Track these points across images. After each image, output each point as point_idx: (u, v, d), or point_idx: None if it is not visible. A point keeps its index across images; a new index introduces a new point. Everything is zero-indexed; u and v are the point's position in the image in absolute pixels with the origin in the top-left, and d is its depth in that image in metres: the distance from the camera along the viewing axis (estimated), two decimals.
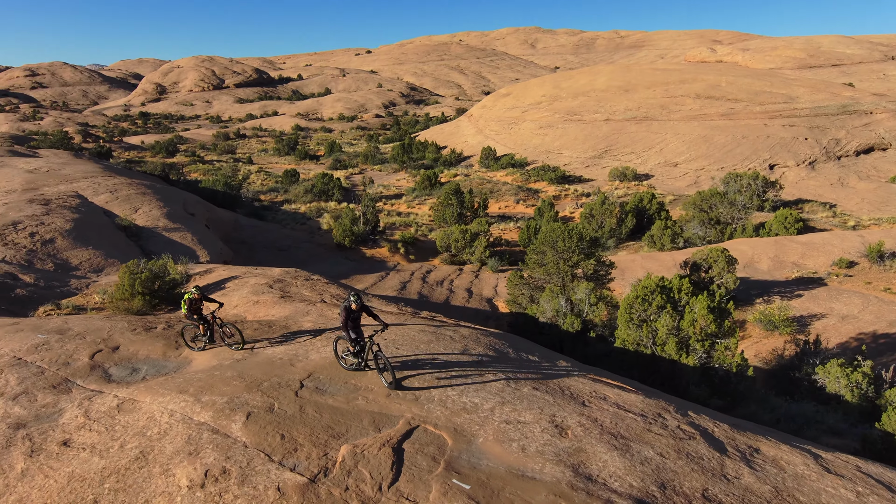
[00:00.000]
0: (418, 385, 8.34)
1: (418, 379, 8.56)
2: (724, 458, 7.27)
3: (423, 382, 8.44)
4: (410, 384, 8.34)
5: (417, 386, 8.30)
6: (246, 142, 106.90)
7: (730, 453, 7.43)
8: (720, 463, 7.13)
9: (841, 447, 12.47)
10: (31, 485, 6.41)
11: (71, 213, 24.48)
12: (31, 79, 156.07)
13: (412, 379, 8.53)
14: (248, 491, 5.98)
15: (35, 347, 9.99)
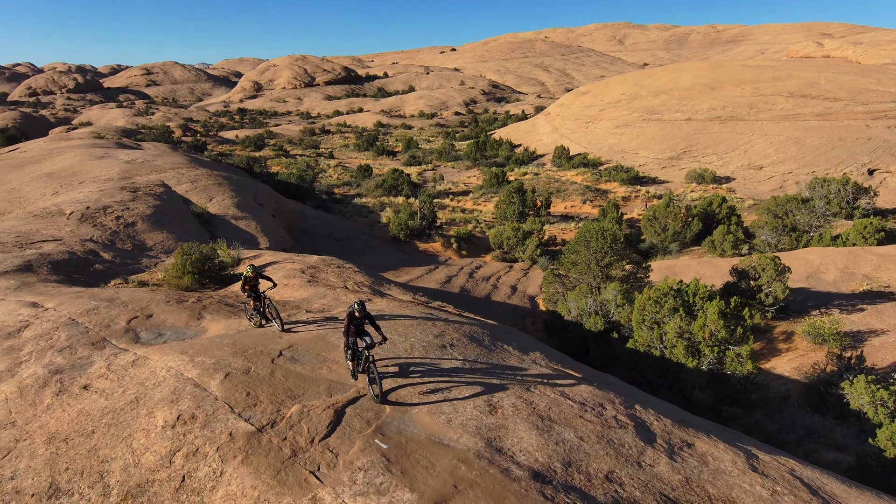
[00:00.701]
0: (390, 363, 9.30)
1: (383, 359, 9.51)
2: (647, 447, 7.68)
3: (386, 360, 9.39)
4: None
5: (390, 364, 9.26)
6: (330, 137, 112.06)
7: (657, 444, 7.81)
8: (640, 451, 7.55)
9: (837, 462, 12.14)
10: (51, 416, 8.02)
11: (153, 200, 27.52)
12: (146, 77, 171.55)
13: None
14: (207, 433, 7.22)
15: (87, 311, 11.91)
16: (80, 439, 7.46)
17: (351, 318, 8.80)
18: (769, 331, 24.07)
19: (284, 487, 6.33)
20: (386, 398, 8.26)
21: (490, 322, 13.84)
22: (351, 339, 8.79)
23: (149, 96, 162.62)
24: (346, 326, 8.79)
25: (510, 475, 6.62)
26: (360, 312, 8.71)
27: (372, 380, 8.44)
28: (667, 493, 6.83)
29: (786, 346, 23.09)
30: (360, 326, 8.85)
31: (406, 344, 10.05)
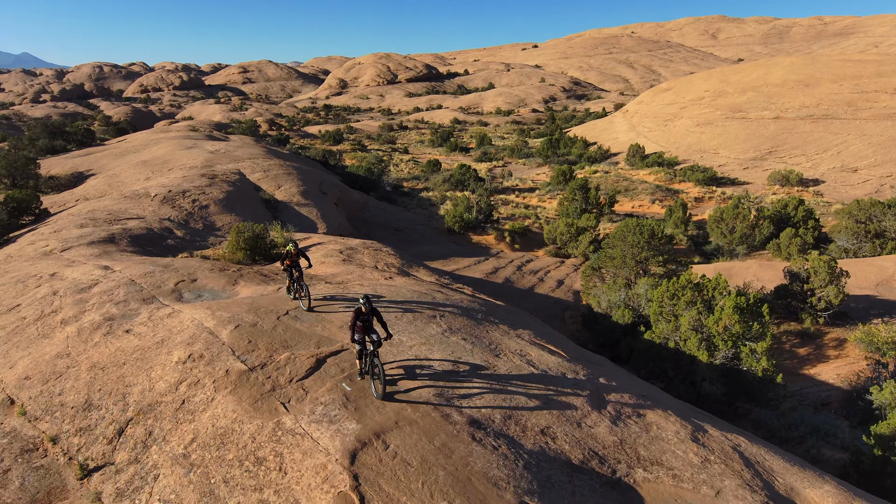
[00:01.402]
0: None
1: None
2: (593, 412, 8.29)
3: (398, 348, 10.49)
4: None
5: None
6: (407, 133, 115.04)
7: (604, 411, 8.39)
8: (585, 414, 8.19)
9: (835, 459, 11.97)
10: (96, 350, 9.77)
11: (227, 186, 30.24)
12: (242, 75, 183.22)
13: None
14: (208, 369, 8.63)
15: (145, 274, 13.89)
16: (113, 368, 9.12)
17: (357, 314, 8.64)
18: (820, 336, 23.15)
19: (257, 413, 7.59)
20: (388, 397, 8.19)
21: (498, 303, 14.60)
22: (358, 335, 8.58)
23: (244, 93, 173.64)
24: (352, 322, 8.64)
25: (449, 419, 7.51)
26: (367, 307, 8.60)
27: (375, 376, 8.34)
28: (596, 450, 7.46)
29: (835, 353, 22.19)
30: (368, 322, 8.65)
31: (399, 313, 11.10)
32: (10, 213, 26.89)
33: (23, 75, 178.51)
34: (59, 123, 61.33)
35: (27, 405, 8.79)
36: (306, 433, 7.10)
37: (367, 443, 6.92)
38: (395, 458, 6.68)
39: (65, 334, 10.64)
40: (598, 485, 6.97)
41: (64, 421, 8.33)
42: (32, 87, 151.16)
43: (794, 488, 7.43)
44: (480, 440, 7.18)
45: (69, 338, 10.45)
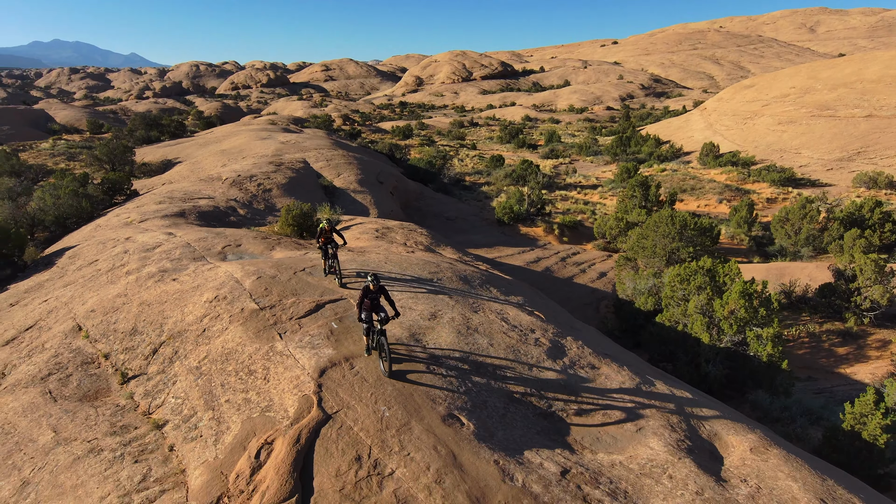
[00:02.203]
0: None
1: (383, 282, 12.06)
2: (548, 360, 9.31)
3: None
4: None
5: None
6: (476, 130, 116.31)
7: (559, 361, 9.39)
8: (539, 361, 9.23)
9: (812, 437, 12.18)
10: (146, 292, 11.85)
11: (291, 173, 32.84)
12: (324, 73, 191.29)
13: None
14: (227, 307, 10.40)
15: (199, 239, 16.09)
16: (156, 305, 11.11)
17: (365, 292, 8.71)
18: (863, 337, 22.53)
19: (258, 339, 9.22)
20: (394, 374, 8.40)
21: (504, 277, 15.63)
22: (365, 313, 8.67)
23: (325, 90, 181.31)
24: (360, 299, 8.73)
25: (412, 352, 8.82)
26: (375, 285, 8.68)
27: (382, 355, 8.45)
28: (539, 389, 8.52)
29: (877, 354, 21.59)
30: (375, 300, 8.72)
31: (403, 277, 12.48)
32: (106, 192, 30.68)
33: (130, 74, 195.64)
34: (156, 117, 67.54)
35: (90, 331, 10.92)
36: (291, 354, 8.64)
37: (337, 364, 8.36)
38: (356, 376, 8.07)
39: (126, 281, 12.84)
40: (531, 414, 8.02)
41: (115, 342, 10.35)
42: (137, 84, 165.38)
43: (717, 433, 8.12)
44: (433, 370, 8.43)
45: (128, 283, 12.62)
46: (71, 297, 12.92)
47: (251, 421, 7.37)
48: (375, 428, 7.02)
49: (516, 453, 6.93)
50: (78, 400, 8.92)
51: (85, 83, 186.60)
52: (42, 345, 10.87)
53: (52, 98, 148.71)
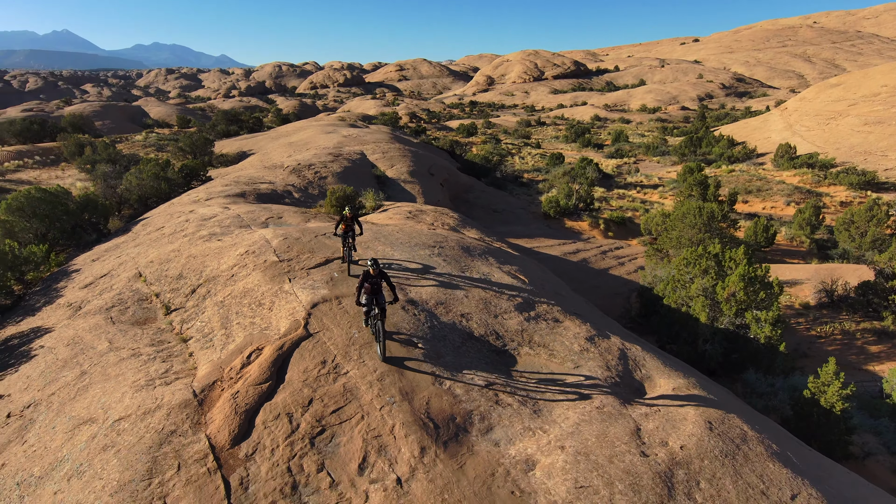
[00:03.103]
0: (381, 249, 13.57)
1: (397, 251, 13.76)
2: (514, 311, 10.65)
3: (386, 251, 13.61)
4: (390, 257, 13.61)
5: (381, 250, 13.54)
6: (543, 129, 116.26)
7: (526, 313, 10.70)
8: (506, 311, 10.59)
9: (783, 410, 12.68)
10: (194, 248, 14.15)
11: (346, 163, 35.30)
12: (398, 73, 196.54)
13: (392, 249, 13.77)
14: (254, 259, 12.43)
15: (248, 212, 18.44)
16: (200, 257, 13.35)
17: (365, 276, 8.75)
18: None
19: (272, 282, 11.15)
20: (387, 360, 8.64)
21: (507, 251, 16.87)
22: (366, 297, 8.74)
23: (399, 90, 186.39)
24: (360, 283, 8.81)
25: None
26: (375, 270, 8.72)
27: (378, 340, 8.64)
28: (498, 331, 9.90)
29: None
30: (376, 285, 8.75)
31: (411, 243, 14.14)
32: (184, 177, 34.33)
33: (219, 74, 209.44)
34: (236, 113, 72.94)
35: (147, 276, 13.29)
36: (294, 293, 10.48)
37: (328, 300, 10.11)
38: (340, 308, 9.79)
39: (181, 241, 15.25)
40: (485, 349, 9.42)
41: (164, 285, 12.64)
42: (225, 83, 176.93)
43: (650, 377, 9.17)
44: (407, 309, 10.00)
45: (182, 242, 15.02)
46: (137, 253, 15.50)
47: (251, 336, 9.25)
48: (344, 344, 8.70)
49: (456, 371, 8.37)
50: (131, 324, 11.18)
51: (179, 83, 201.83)
52: (111, 286, 13.36)
53: (150, 96, 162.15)
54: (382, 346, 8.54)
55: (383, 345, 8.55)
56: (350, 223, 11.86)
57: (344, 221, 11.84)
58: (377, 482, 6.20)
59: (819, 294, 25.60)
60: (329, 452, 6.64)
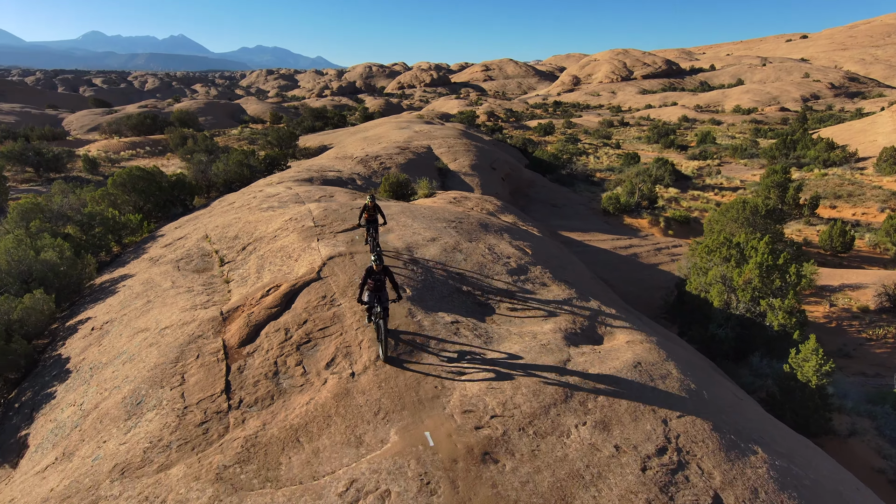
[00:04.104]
0: (404, 221, 15.34)
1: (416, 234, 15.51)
2: (507, 274, 12.04)
3: (406, 229, 15.36)
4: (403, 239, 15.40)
5: (403, 221, 15.31)
6: (626, 129, 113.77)
7: (518, 277, 12.05)
8: (497, 273, 12.00)
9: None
10: (249, 216, 16.64)
11: (411, 156, 37.54)
12: (484, 73, 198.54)
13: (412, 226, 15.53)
14: (295, 224, 14.64)
15: (306, 191, 20.89)
16: (254, 223, 15.77)
17: (368, 272, 8.64)
18: None
19: (303, 242, 13.24)
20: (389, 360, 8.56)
21: (528, 230, 18.07)
22: (369, 294, 8.64)
23: (483, 90, 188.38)
24: (362, 280, 8.70)
25: (399, 255, 12.16)
26: (378, 265, 8.61)
27: (379, 338, 8.56)
28: (484, 288, 11.36)
29: None
30: (379, 282, 8.62)
31: (431, 216, 15.84)
32: (267, 166, 37.99)
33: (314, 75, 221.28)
34: (322, 110, 77.82)
35: (212, 237, 15.89)
36: (317, 248, 12.49)
37: (343, 255, 12.01)
38: (350, 261, 11.66)
39: (244, 212, 17.85)
40: (469, 301, 10.91)
41: (223, 244, 15.13)
42: (318, 84, 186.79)
43: (612, 333, 10.25)
44: (408, 266, 11.69)
45: (244, 213, 17.59)
46: (209, 221, 18.27)
47: (275, 277, 11.32)
48: (344, 285, 10.54)
49: (431, 311, 9.96)
50: (192, 271, 13.68)
51: (277, 83, 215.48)
52: (183, 245, 16.09)
53: (251, 95, 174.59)
54: (384, 345, 8.49)
55: (385, 344, 8.50)
56: (373, 212, 11.85)
57: (366, 210, 11.83)
58: (336, 374, 7.95)
59: (880, 298, 24.73)
60: (308, 355, 8.47)
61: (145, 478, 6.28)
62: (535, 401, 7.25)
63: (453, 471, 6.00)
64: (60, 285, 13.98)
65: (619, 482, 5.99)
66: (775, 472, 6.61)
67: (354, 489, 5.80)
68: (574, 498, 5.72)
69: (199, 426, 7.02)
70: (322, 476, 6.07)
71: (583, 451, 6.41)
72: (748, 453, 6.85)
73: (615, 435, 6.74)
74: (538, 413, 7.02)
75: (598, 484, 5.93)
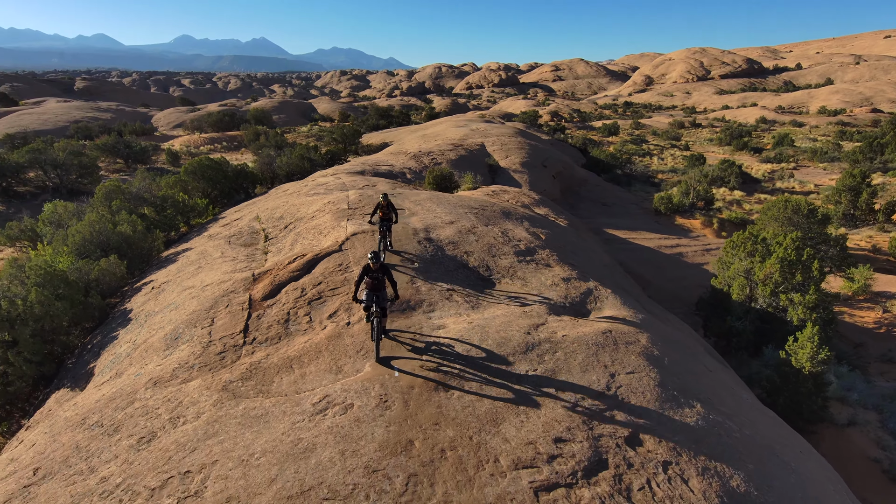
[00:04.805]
0: (429, 206, 16.59)
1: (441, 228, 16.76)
2: (514, 256, 13.07)
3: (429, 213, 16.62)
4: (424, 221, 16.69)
5: (429, 206, 16.57)
6: (697, 131, 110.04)
7: (524, 258, 13.05)
8: (504, 254, 13.04)
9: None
10: (295, 200, 18.47)
11: (463, 152, 38.81)
12: (553, 73, 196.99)
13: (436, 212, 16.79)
14: (331, 207, 16.27)
15: (351, 180, 22.61)
16: (297, 205, 17.56)
17: (365, 270, 8.57)
18: None
19: (335, 221, 14.81)
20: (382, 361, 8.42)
21: (551, 220, 18.83)
22: (367, 293, 8.54)
23: (552, 90, 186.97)
24: (359, 277, 8.63)
25: (416, 233, 13.46)
26: (374, 264, 8.49)
27: (373, 338, 8.47)
28: (489, 266, 12.44)
29: None
30: (377, 280, 8.53)
31: (456, 203, 17.04)
32: (328, 160, 40.44)
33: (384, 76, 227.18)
34: (387, 109, 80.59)
35: (262, 217, 17.82)
36: (345, 227, 14.01)
37: (366, 232, 13.44)
38: (372, 237, 13.08)
39: (292, 197, 19.73)
40: (473, 277, 12.04)
41: (270, 223, 17.00)
42: (389, 84, 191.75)
43: (601, 308, 11.04)
44: (422, 243, 12.96)
45: (292, 198, 19.47)
46: (263, 205, 20.31)
47: (303, 249, 12.91)
48: (360, 255, 11.95)
49: (434, 281, 11.17)
50: (240, 245, 15.58)
51: (350, 83, 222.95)
52: (237, 225, 18.12)
53: (325, 95, 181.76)
54: (377, 345, 8.43)
55: (378, 344, 8.43)
56: (386, 210, 11.87)
57: (380, 209, 11.86)
58: (334, 323, 9.34)
59: None
60: (317, 308, 9.92)
61: (171, 387, 7.93)
62: (497, 350, 8.33)
63: (409, 394, 7.19)
64: (132, 255, 16.28)
65: (548, 413, 6.97)
66: (704, 422, 7.35)
67: (325, 401, 7.14)
68: (504, 420, 6.77)
69: (218, 354, 8.63)
70: (303, 392, 7.47)
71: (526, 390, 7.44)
72: (684, 406, 7.61)
73: (560, 380, 7.71)
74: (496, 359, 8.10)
75: (528, 413, 6.94)
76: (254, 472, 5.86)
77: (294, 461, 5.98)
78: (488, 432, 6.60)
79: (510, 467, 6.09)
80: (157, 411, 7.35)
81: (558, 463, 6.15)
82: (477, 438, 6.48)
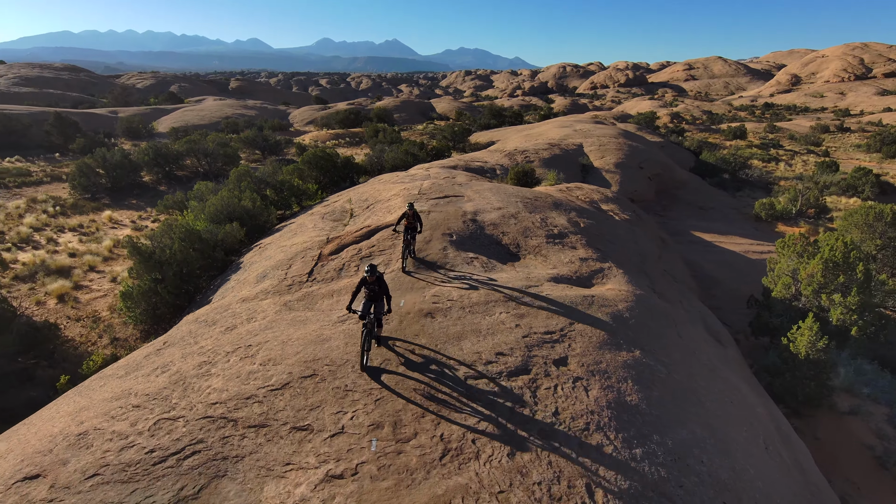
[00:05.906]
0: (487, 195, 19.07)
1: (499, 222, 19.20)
2: (544, 237, 15.24)
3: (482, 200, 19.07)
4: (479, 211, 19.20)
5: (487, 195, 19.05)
6: (844, 136, 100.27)
7: (553, 239, 15.18)
8: (535, 235, 15.26)
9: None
10: (382, 188, 21.90)
11: (557, 151, 40.47)
12: (686, 72, 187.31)
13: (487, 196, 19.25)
14: (405, 192, 19.43)
15: (436, 173, 25.67)
16: (381, 191, 20.90)
17: (362, 282, 8.67)
18: None
19: (404, 202, 17.86)
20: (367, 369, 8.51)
21: (607, 213, 20.34)
22: (364, 303, 8.61)
23: (683, 90, 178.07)
24: (356, 288, 8.73)
25: (464, 216, 16.11)
26: (372, 277, 8.55)
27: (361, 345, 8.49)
28: (520, 245, 14.77)
29: None
30: (374, 292, 8.64)
31: (513, 193, 19.37)
32: (432, 156, 44.05)
33: (508, 75, 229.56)
34: (500, 109, 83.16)
35: (353, 200, 21.41)
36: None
37: (424, 212, 16.31)
38: (426, 216, 15.93)
39: (382, 187, 23.18)
40: (503, 252, 14.44)
41: (357, 204, 20.50)
42: (511, 84, 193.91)
43: (605, 283, 12.96)
44: (467, 223, 15.58)
45: (380, 188, 22.93)
46: (360, 190, 24.00)
47: (372, 222, 16.11)
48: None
49: (464, 251, 13.76)
50: (330, 220, 19.22)
51: (473, 83, 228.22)
52: (333, 205, 21.89)
53: (448, 95, 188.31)
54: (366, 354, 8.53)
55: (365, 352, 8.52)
56: (412, 220, 11.96)
57: (405, 217, 11.99)
58: None
59: None
60: (364, 262, 13.00)
61: (252, 302, 11.42)
62: (484, 297, 10.75)
63: (405, 319, 9.92)
64: (252, 224, 20.62)
65: (502, 338, 9.31)
66: (634, 362, 9.25)
67: (346, 315, 10.16)
68: (465, 339, 9.24)
69: (287, 286, 12.01)
70: (334, 310, 10.52)
71: (492, 322, 9.83)
72: (622, 350, 9.55)
73: (524, 322, 9.97)
74: (481, 303, 10.53)
75: (486, 336, 9.33)
76: (288, 347, 9.00)
77: (314, 344, 9.02)
78: (453, 345, 9.16)
79: (456, 364, 8.65)
80: (239, 315, 10.84)
81: (492, 366, 8.56)
82: (441, 347, 9.09)
